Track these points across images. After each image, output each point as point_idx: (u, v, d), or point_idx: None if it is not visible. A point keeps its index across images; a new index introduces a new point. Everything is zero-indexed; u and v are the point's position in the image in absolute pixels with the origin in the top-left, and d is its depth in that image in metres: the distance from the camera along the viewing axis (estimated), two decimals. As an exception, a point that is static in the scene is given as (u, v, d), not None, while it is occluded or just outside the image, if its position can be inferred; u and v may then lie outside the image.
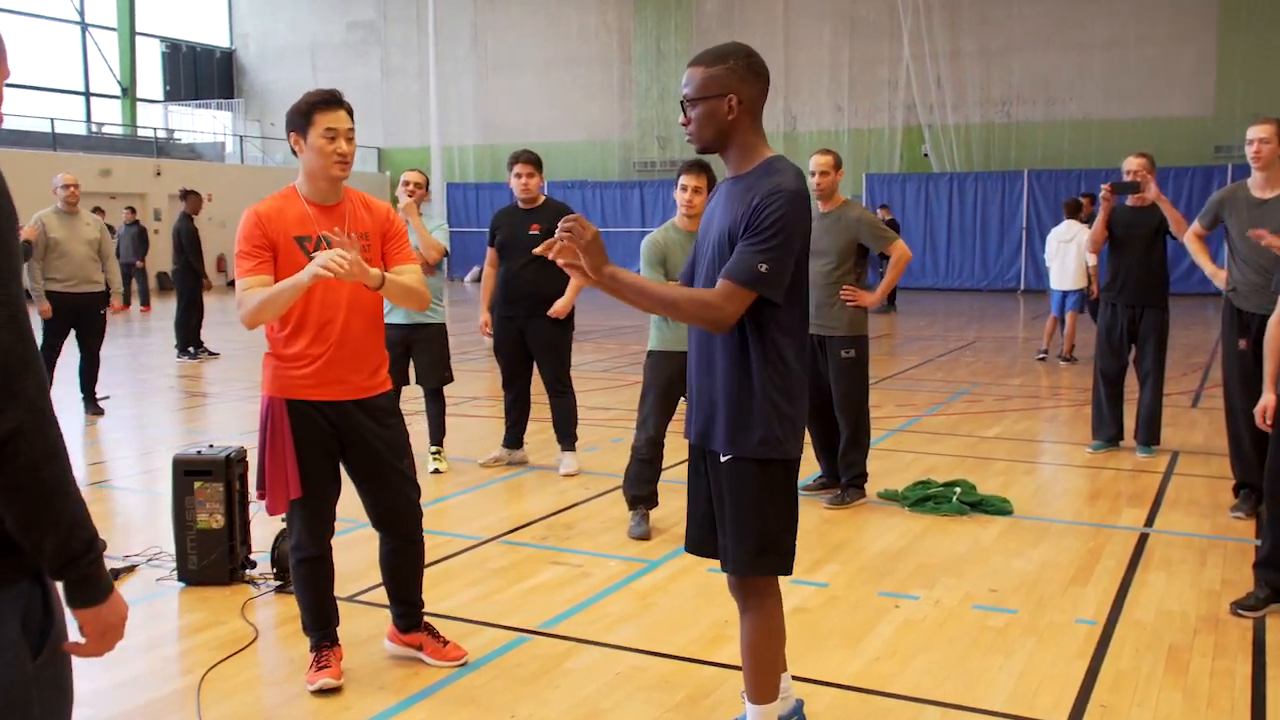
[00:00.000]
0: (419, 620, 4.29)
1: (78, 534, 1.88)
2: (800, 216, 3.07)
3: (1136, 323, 7.91)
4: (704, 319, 3.09)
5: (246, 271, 3.78)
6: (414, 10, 32.60)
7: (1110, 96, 25.87)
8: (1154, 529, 6.14)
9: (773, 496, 3.20)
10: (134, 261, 21.40)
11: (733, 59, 3.14)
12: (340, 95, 3.89)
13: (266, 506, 3.97)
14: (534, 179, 7.21)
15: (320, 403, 3.90)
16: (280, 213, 3.85)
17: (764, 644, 3.31)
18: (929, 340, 16.06)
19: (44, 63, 30.96)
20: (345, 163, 3.85)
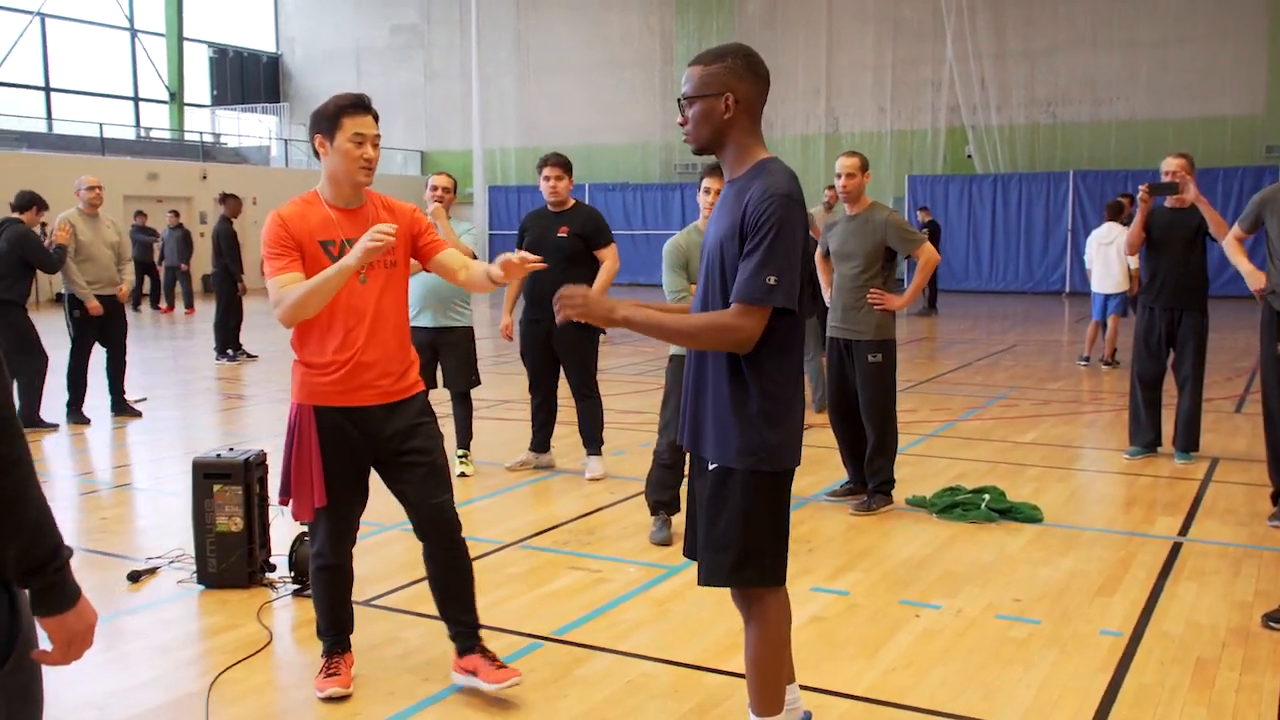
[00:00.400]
0: (475, 642, 4.05)
1: (41, 541, 1.88)
2: (796, 219, 3.00)
3: (1175, 326, 7.77)
4: (726, 343, 3.03)
5: (279, 269, 3.74)
6: (457, 14, 32.74)
7: (1157, 96, 25.49)
8: (1188, 538, 6.00)
9: (757, 508, 3.13)
10: (179, 265, 21.65)
11: (731, 58, 3.09)
12: (369, 100, 3.84)
13: (292, 513, 3.95)
14: (562, 181, 7.18)
15: (349, 409, 3.84)
16: (304, 217, 3.81)
17: (766, 656, 3.24)
18: (968, 343, 15.88)
19: (94, 68, 31.42)
20: (370, 168, 3.80)
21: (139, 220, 22.61)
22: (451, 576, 4.08)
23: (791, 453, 3.17)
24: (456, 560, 4.07)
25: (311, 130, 3.79)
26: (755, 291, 2.97)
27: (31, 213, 9.23)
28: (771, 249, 2.97)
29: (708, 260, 3.18)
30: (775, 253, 2.97)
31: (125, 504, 7.20)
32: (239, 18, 35.41)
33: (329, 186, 3.87)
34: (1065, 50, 26.41)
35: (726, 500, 3.14)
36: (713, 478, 3.16)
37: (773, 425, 3.08)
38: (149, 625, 4.85)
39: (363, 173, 3.79)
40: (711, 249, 3.16)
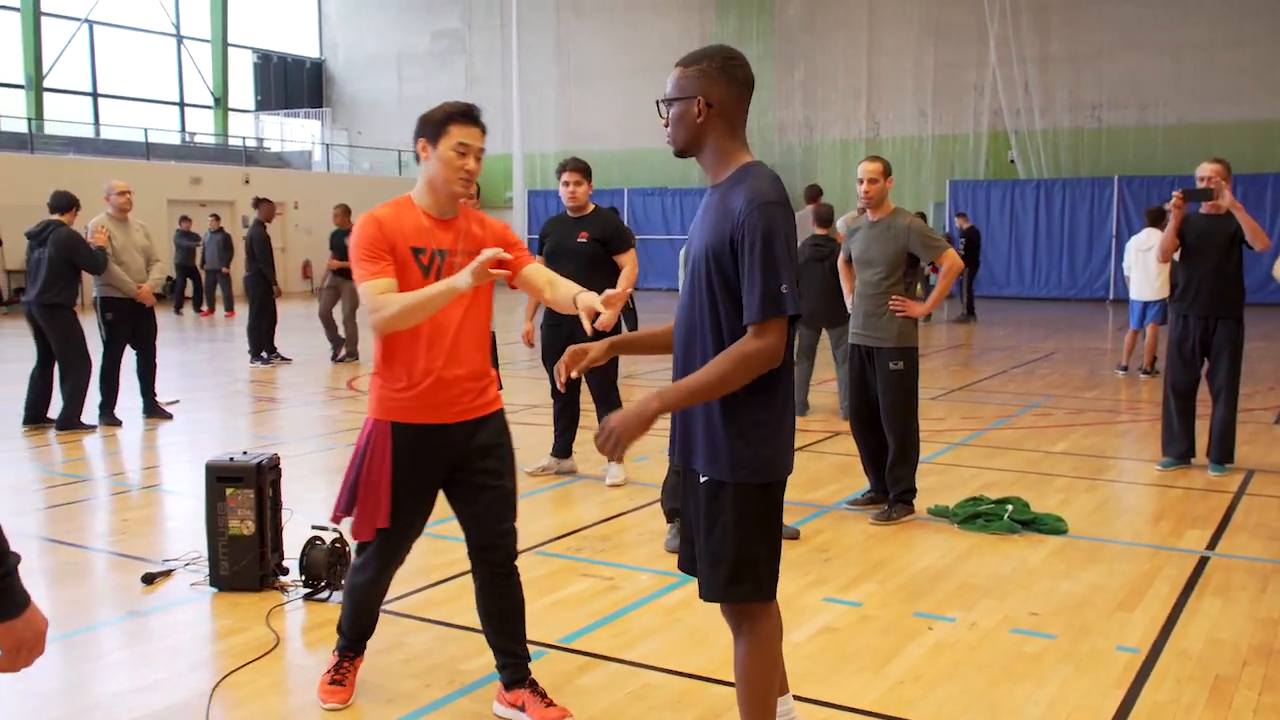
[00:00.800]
0: (524, 675, 3.91)
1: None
2: (784, 223, 2.94)
3: (1209, 335, 7.61)
4: (756, 369, 2.94)
5: (374, 274, 3.59)
6: (498, 20, 32.89)
7: (1205, 99, 25.10)
8: (1215, 552, 5.86)
9: (749, 521, 3.05)
10: (219, 268, 21.85)
11: (707, 61, 3.03)
12: (478, 112, 3.72)
13: (352, 531, 3.78)
14: (581, 187, 7.16)
15: (429, 426, 3.70)
16: (398, 220, 3.67)
17: (756, 673, 3.17)
18: (1005, 351, 15.70)
19: (140, 74, 31.84)
20: (470, 180, 3.67)
21: (183, 225, 22.83)
22: (506, 606, 3.92)
23: (782, 464, 3.11)
24: (511, 590, 3.92)
25: (416, 134, 3.69)
26: (767, 305, 2.91)
27: (71, 214, 9.36)
28: (770, 258, 2.91)
29: (693, 266, 3.11)
30: (775, 261, 2.92)
31: (150, 506, 7.24)
32: (283, 24, 35.78)
33: (425, 193, 3.73)
34: (1111, 53, 26.08)
35: (719, 514, 3.08)
36: (705, 491, 3.10)
37: (763, 437, 3.02)
38: (159, 628, 4.87)
39: (461, 183, 3.66)
40: (697, 255, 3.09)
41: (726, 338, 3.02)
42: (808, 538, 6.09)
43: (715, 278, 3.02)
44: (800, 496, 6.99)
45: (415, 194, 3.76)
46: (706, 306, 3.06)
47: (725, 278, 3.00)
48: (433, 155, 3.66)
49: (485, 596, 3.91)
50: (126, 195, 9.59)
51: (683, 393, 2.98)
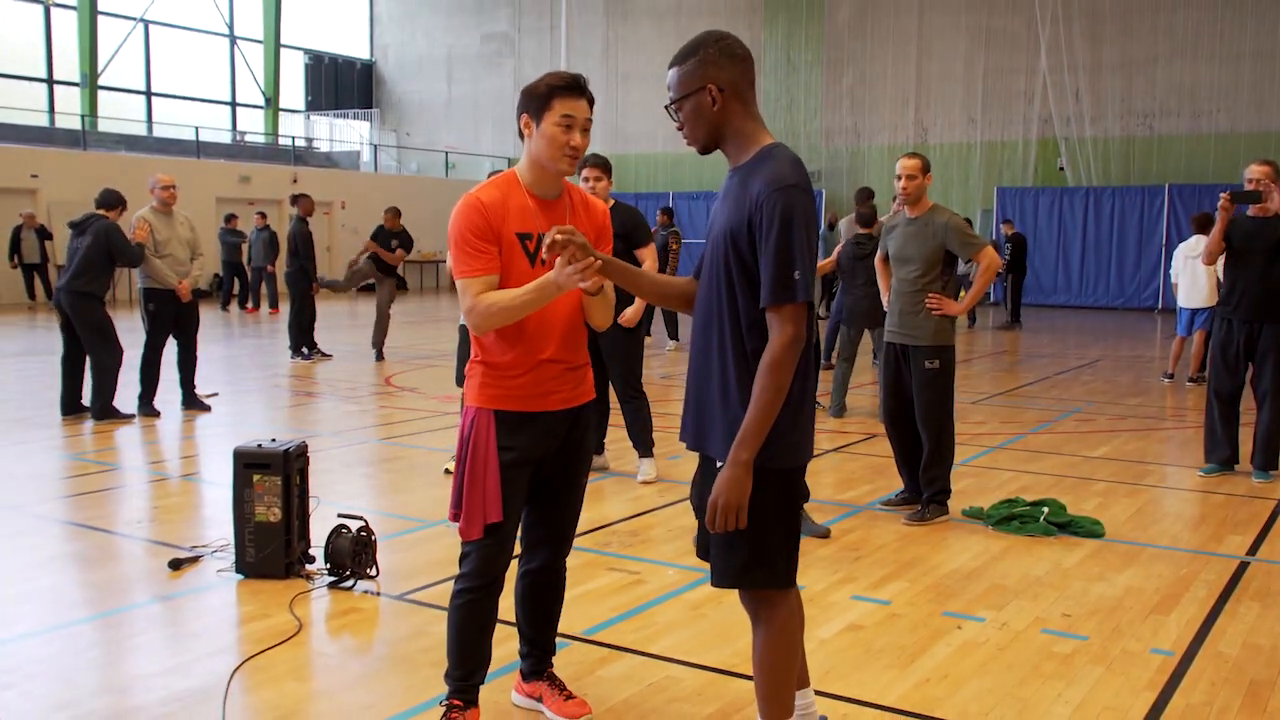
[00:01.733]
0: (545, 667, 3.87)
1: None
2: (803, 208, 2.90)
3: (1254, 339, 7.46)
4: (791, 361, 2.89)
5: (475, 270, 3.39)
6: (547, 22, 33.02)
7: (1261, 107, 24.72)
8: (1256, 557, 5.73)
9: (767, 507, 2.99)
10: (264, 265, 22.05)
11: (703, 49, 3.00)
12: (584, 81, 3.49)
13: (460, 530, 3.52)
14: (602, 183, 7.13)
15: (534, 414, 3.50)
16: (503, 204, 3.45)
17: (773, 660, 3.12)
18: (1050, 358, 15.49)
19: (194, 74, 32.26)
20: (576, 156, 3.46)
21: (230, 224, 23.09)
22: (551, 598, 3.84)
23: (802, 449, 3.06)
24: (559, 582, 3.83)
25: (519, 110, 3.50)
26: (783, 291, 2.88)
27: (116, 211, 9.49)
28: (785, 243, 2.87)
29: (712, 248, 3.08)
30: (790, 246, 2.88)
31: (184, 494, 7.30)
32: (334, 25, 36.13)
33: (529, 171, 3.52)
34: (1164, 61, 25.73)
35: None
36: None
37: (781, 422, 2.97)
38: (182, 613, 4.89)
39: (566, 160, 3.44)
40: (718, 239, 3.05)
41: (743, 320, 2.98)
42: (838, 536, 6.02)
43: (733, 260, 2.98)
44: (833, 496, 6.92)
45: (520, 171, 3.55)
46: (724, 288, 3.02)
47: (743, 260, 2.97)
48: (536, 132, 3.45)
49: (534, 591, 3.79)
50: (170, 189, 9.69)
51: (751, 429, 2.90)
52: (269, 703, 3.91)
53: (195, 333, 10.01)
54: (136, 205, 10.07)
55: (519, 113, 3.51)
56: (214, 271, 23.90)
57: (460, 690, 3.62)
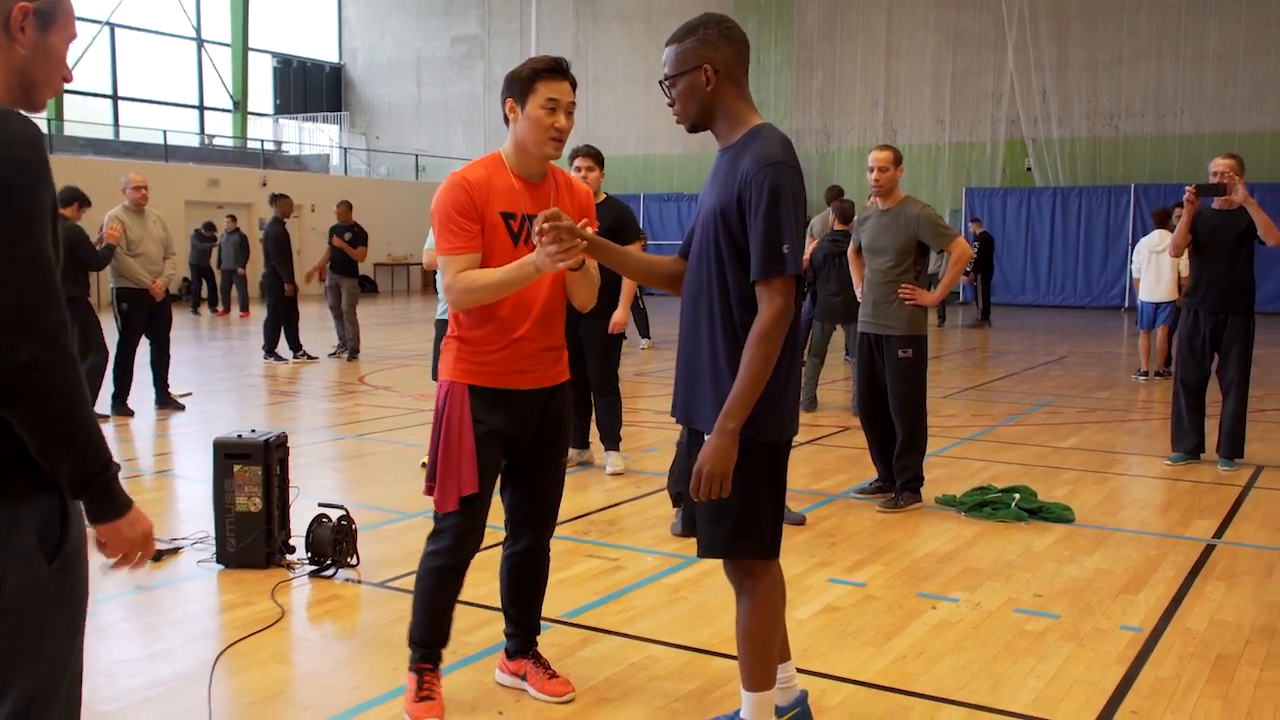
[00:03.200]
0: (530, 646, 3.93)
1: (91, 460, 2.05)
2: (792, 184, 2.97)
3: (1220, 330, 7.59)
4: (780, 333, 2.96)
5: (457, 248, 3.43)
6: (517, 25, 33.02)
7: (1225, 108, 25.02)
8: (1222, 540, 5.85)
9: (755, 479, 3.07)
10: (235, 268, 21.96)
11: (703, 29, 3.07)
12: (566, 64, 3.57)
13: (435, 502, 3.58)
14: (594, 173, 7.14)
15: (509, 391, 3.56)
16: (488, 183, 3.49)
17: (758, 629, 3.19)
18: (1019, 354, 15.67)
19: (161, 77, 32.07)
20: (561, 139, 3.52)
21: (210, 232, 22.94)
22: (537, 581, 3.90)
23: (788, 424, 3.13)
24: (543, 563, 3.88)
25: (503, 95, 3.55)
26: (772, 263, 2.95)
27: (74, 208, 9.36)
28: (775, 217, 2.94)
29: (702, 226, 3.15)
30: (779, 220, 2.95)
31: (160, 490, 7.30)
32: (303, 29, 35.98)
33: (515, 154, 3.57)
34: (1129, 62, 26.01)
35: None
36: None
37: (768, 396, 3.03)
38: (164, 601, 4.91)
39: (552, 144, 3.50)
40: (707, 216, 3.12)
41: (733, 296, 3.05)
42: (814, 523, 6.10)
43: (723, 236, 3.05)
44: (808, 485, 7.00)
45: (505, 154, 3.59)
46: (714, 265, 3.09)
47: (732, 236, 3.04)
48: (520, 115, 3.50)
49: (519, 572, 3.84)
50: (142, 191, 9.66)
51: (739, 400, 2.96)
52: (254, 685, 3.94)
53: (168, 332, 9.99)
54: (105, 209, 10.01)
55: (503, 97, 3.56)
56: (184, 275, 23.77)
57: (427, 656, 3.71)
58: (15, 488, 2.04)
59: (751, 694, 3.23)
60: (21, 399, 1.95)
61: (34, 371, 1.93)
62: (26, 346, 1.93)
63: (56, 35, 2.17)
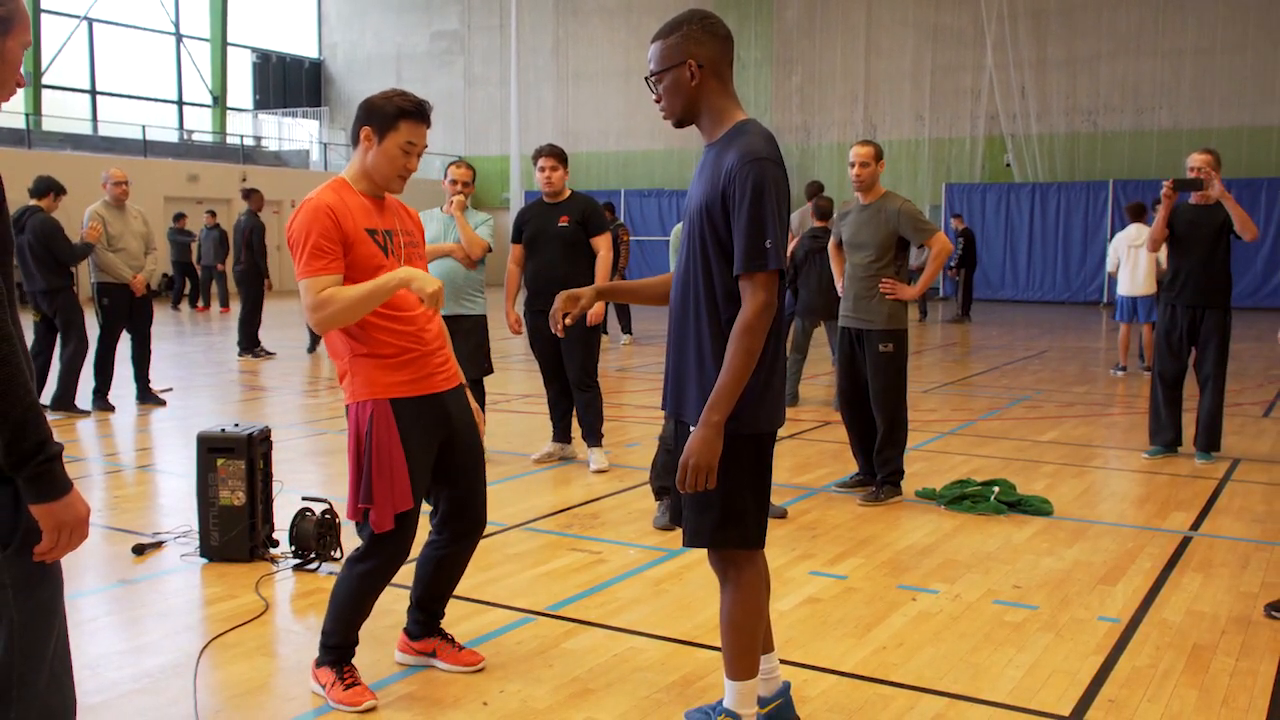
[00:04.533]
0: (435, 626, 4.04)
1: (28, 434, 2.04)
2: (775, 180, 3.00)
3: (1197, 325, 7.66)
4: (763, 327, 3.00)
5: (320, 269, 3.48)
6: (497, 20, 32.98)
7: (1202, 104, 25.20)
8: (1199, 532, 5.91)
9: (741, 470, 3.12)
10: (215, 264, 21.88)
11: (687, 25, 3.10)
12: (429, 109, 3.67)
13: (373, 523, 3.58)
14: (558, 172, 7.20)
15: (423, 398, 3.64)
16: (344, 204, 3.57)
17: (742, 618, 3.22)
18: (998, 349, 15.75)
19: (139, 72, 31.88)
20: (406, 179, 3.67)
21: (179, 223, 22.87)
22: (457, 570, 3.99)
23: (772, 416, 3.17)
24: (467, 555, 3.98)
25: (361, 120, 3.60)
26: (757, 258, 2.98)
27: (50, 199, 9.31)
28: (757, 212, 2.98)
29: (689, 222, 3.18)
30: (762, 215, 2.98)
31: (143, 484, 7.29)
32: (282, 24, 35.82)
33: (362, 180, 3.67)
34: (1108, 58, 26.16)
35: None
36: None
37: (753, 389, 3.07)
38: (148, 595, 4.91)
39: (399, 181, 3.66)
40: (694, 212, 3.15)
41: (719, 290, 3.09)
42: (795, 516, 6.14)
43: (708, 232, 3.09)
44: (789, 479, 7.04)
45: (351, 179, 3.68)
46: (700, 261, 3.13)
47: (717, 232, 3.07)
48: (377, 147, 3.59)
49: (443, 568, 3.93)
50: (122, 186, 9.63)
51: (724, 392, 3.00)
52: (240, 677, 3.95)
53: (149, 327, 9.96)
54: (83, 205, 9.96)
55: (359, 124, 3.63)
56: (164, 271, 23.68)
57: (347, 656, 3.79)
58: None
59: (735, 683, 3.26)
60: None
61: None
62: None
63: (14, 40, 2.21)
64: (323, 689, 3.74)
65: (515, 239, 7.45)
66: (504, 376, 11.06)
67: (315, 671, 3.80)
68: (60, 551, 2.13)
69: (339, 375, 3.71)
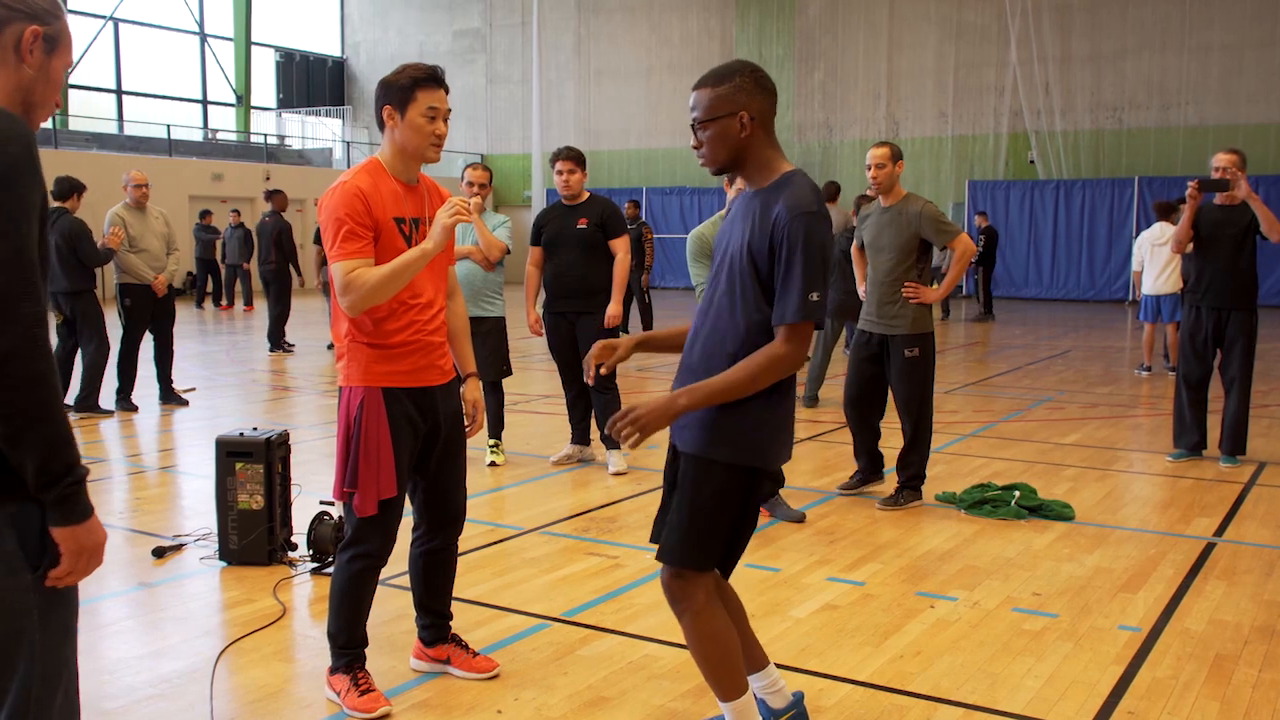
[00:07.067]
0: (446, 632, 4.06)
1: (58, 456, 2.04)
2: (822, 234, 3.01)
3: (1222, 326, 7.58)
4: (783, 371, 3.03)
5: (353, 253, 3.51)
6: (519, 18, 32.99)
7: (1230, 100, 24.95)
8: (1222, 539, 5.86)
9: (727, 503, 3.12)
10: (240, 263, 21.97)
11: (739, 76, 3.06)
12: (442, 73, 3.67)
13: (356, 507, 3.65)
14: (575, 175, 7.21)
15: (417, 390, 3.68)
16: (377, 190, 3.59)
17: (707, 642, 3.18)
18: (1021, 349, 15.66)
19: (164, 72, 32.06)
20: (441, 145, 3.65)
21: (205, 220, 22.99)
22: (448, 570, 4.03)
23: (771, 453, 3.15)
24: (453, 555, 4.03)
25: (381, 101, 3.62)
26: (800, 311, 2.98)
27: (74, 199, 9.41)
28: (809, 267, 2.98)
29: (729, 259, 3.14)
30: (812, 270, 2.99)
31: (165, 486, 7.32)
32: (306, 23, 35.97)
33: (395, 160, 3.68)
34: (1133, 54, 25.95)
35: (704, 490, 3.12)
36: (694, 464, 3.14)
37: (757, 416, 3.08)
38: (167, 598, 4.93)
39: (433, 149, 3.64)
40: (735, 251, 3.11)
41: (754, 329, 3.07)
42: (813, 521, 6.11)
43: (748, 276, 3.07)
44: (808, 483, 7.01)
45: (385, 161, 3.69)
46: (739, 301, 3.10)
47: (759, 275, 3.07)
48: (401, 122, 3.61)
49: (433, 567, 3.98)
50: (143, 189, 9.67)
51: (711, 391, 3.03)
52: (256, 682, 3.97)
53: (171, 327, 10.01)
54: (109, 205, 10.02)
55: (379, 104, 3.65)
56: (188, 270, 23.83)
57: (359, 656, 3.81)
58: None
59: (728, 704, 3.23)
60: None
61: (9, 362, 1.95)
62: (3, 337, 1.95)
63: (59, 60, 2.22)
64: (337, 696, 3.74)
65: (534, 241, 7.45)
66: (524, 377, 11.07)
67: (330, 679, 3.81)
68: (77, 576, 2.14)
69: (337, 356, 3.76)
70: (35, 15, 2.16)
